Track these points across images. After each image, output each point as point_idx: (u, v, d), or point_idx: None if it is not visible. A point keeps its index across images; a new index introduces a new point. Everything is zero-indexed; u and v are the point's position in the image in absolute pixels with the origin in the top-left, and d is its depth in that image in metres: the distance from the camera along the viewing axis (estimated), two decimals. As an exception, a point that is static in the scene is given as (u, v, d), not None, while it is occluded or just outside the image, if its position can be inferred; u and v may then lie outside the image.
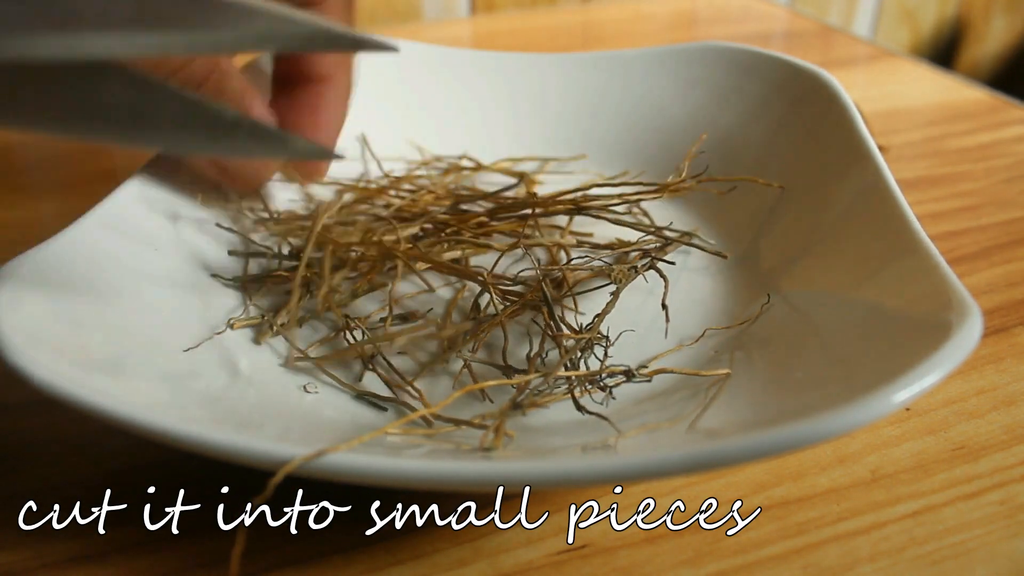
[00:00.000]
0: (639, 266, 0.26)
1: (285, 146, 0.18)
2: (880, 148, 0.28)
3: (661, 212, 0.32)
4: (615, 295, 0.25)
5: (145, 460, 0.22)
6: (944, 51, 0.93)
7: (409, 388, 0.23)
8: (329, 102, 0.28)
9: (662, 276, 0.27)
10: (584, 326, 0.25)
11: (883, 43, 0.85)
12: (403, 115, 0.37)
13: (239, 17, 0.15)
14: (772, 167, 0.31)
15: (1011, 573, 0.19)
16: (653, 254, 0.27)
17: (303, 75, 0.28)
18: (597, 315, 0.25)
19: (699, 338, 0.26)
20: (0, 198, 0.37)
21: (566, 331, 0.24)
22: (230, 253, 0.27)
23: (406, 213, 0.30)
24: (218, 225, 0.28)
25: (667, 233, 0.29)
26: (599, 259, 0.28)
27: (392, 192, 0.32)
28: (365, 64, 0.36)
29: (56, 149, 0.42)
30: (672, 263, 0.28)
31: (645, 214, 0.32)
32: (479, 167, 0.35)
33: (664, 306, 0.26)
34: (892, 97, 0.47)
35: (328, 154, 0.19)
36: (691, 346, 0.25)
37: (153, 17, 0.14)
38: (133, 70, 0.16)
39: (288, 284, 0.27)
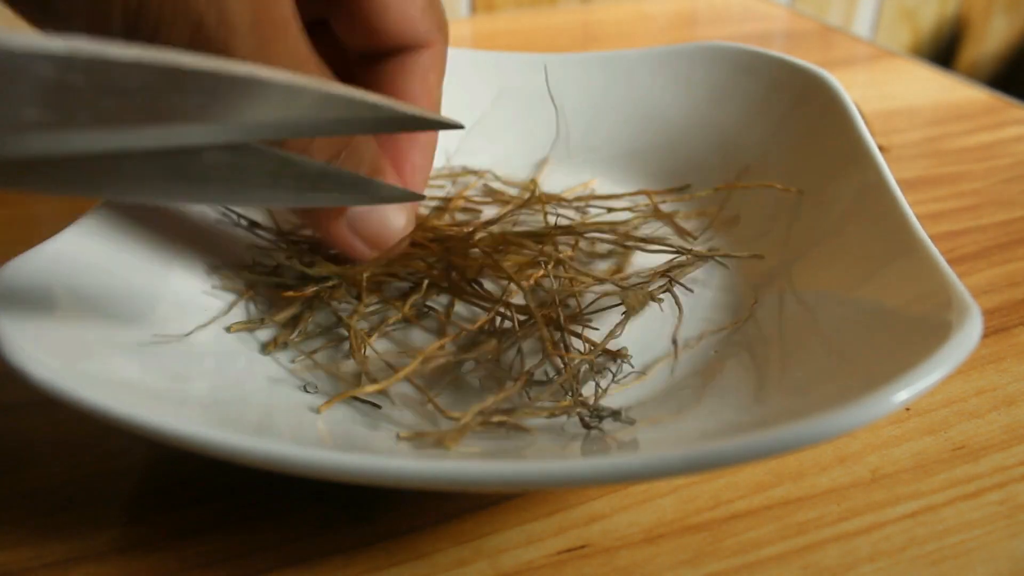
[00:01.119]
0: (653, 291, 0.26)
1: (373, 192, 0.19)
2: (880, 148, 0.28)
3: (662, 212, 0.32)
4: (623, 322, 0.25)
5: (145, 460, 0.22)
6: (944, 51, 0.92)
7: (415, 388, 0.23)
8: (421, 149, 0.27)
9: (678, 304, 0.26)
10: (588, 348, 0.25)
11: (883, 43, 0.85)
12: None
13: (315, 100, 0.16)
14: (772, 167, 0.31)
15: (1011, 573, 0.19)
16: (672, 275, 0.27)
17: (400, 43, 0.26)
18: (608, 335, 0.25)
19: (700, 338, 0.26)
20: (0, 198, 0.37)
21: (573, 350, 0.24)
22: (250, 267, 0.27)
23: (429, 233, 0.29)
24: (239, 215, 0.28)
25: (694, 250, 0.28)
26: (613, 283, 0.27)
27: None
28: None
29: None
30: (691, 290, 0.28)
31: (670, 220, 0.32)
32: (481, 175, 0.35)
33: (674, 341, 0.25)
34: (892, 97, 0.47)
35: (414, 196, 0.20)
36: (690, 345, 0.25)
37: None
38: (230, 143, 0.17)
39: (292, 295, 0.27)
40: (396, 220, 0.25)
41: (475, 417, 0.21)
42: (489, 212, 0.33)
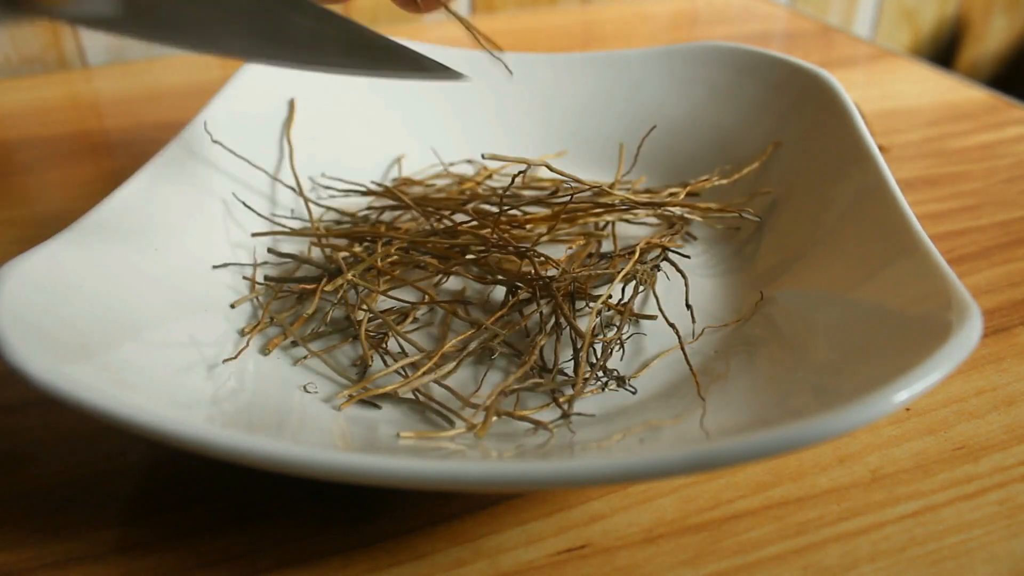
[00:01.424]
0: (653, 259, 0.27)
1: (432, 71, 0.21)
2: (880, 148, 0.28)
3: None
4: (630, 299, 0.26)
5: (145, 460, 0.22)
6: (944, 51, 0.92)
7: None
8: None
9: (680, 272, 0.27)
10: (597, 327, 0.25)
11: (883, 43, 0.85)
12: (403, 116, 0.37)
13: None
14: (772, 167, 0.31)
15: (1011, 573, 0.19)
16: (666, 245, 0.28)
17: None
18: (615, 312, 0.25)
19: (698, 336, 0.26)
20: (0, 198, 0.37)
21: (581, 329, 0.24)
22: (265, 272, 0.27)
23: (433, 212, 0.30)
24: (246, 205, 0.28)
25: (683, 214, 0.29)
26: (610, 258, 0.28)
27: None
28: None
29: (56, 149, 0.42)
30: (687, 256, 0.29)
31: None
32: (488, 173, 0.35)
33: (688, 306, 0.26)
34: (892, 97, 0.47)
35: (461, 77, 0.21)
36: (691, 344, 0.25)
37: None
38: (314, 4, 0.19)
39: (300, 293, 0.27)
40: None
41: (498, 397, 0.22)
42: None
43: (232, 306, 0.26)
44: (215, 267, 0.27)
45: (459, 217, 0.30)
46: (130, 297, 0.23)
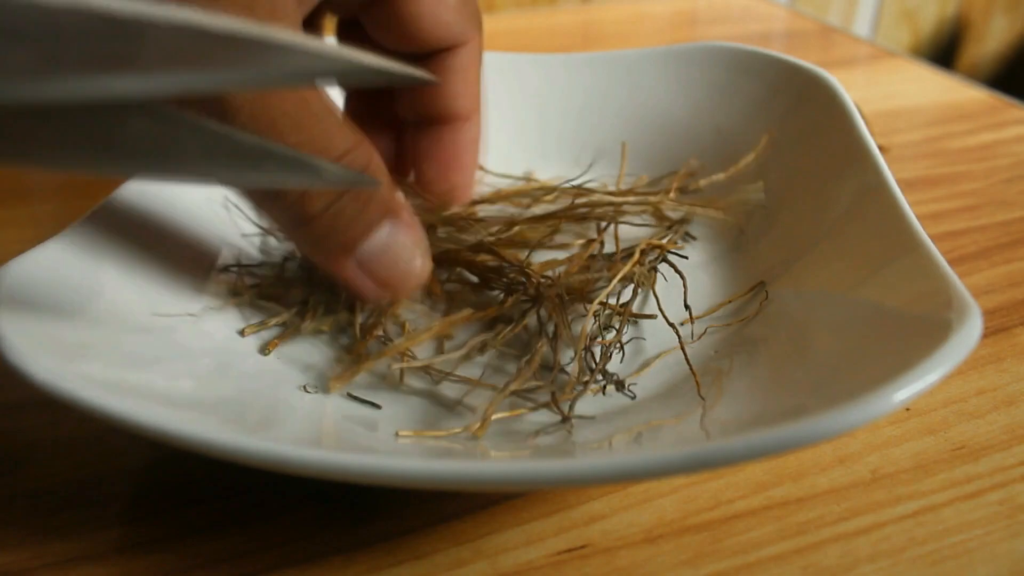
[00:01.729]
0: (652, 260, 0.27)
1: (317, 174, 0.17)
2: (880, 148, 0.28)
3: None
4: (629, 301, 0.26)
5: (145, 460, 0.22)
6: (944, 51, 0.92)
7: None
8: (470, 141, 0.28)
9: (678, 272, 0.27)
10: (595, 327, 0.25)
11: (883, 43, 0.85)
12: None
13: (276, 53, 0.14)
14: (772, 167, 0.31)
15: (1011, 573, 0.19)
16: (665, 246, 0.28)
17: (443, 115, 0.27)
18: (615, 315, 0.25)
19: (699, 337, 0.26)
20: (0, 198, 0.37)
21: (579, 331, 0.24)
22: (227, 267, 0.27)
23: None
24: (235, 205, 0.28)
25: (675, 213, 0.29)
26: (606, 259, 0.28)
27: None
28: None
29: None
30: (685, 257, 0.29)
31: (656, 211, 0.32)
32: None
33: (687, 306, 0.26)
34: (892, 97, 0.47)
35: (367, 181, 0.19)
36: (691, 345, 0.25)
37: (193, 56, 0.14)
38: (157, 105, 0.16)
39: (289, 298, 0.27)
40: (412, 261, 0.23)
41: (496, 398, 0.22)
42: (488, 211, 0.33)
43: (235, 296, 0.26)
44: (223, 268, 0.27)
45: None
46: (130, 297, 0.23)
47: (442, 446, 0.21)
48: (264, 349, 0.25)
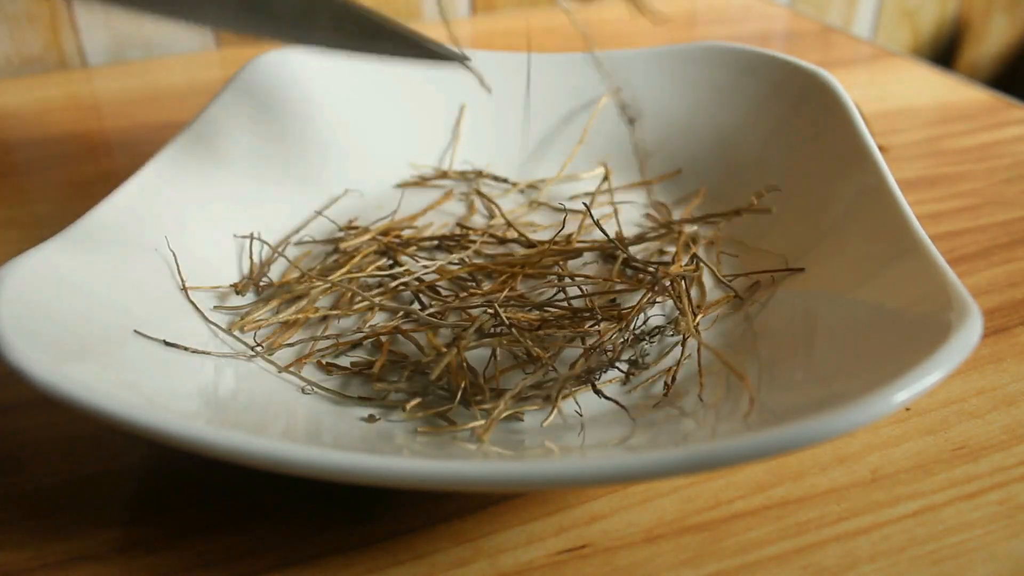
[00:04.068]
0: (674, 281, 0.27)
1: (426, 49, 0.20)
2: (880, 148, 0.28)
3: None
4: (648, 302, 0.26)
5: (145, 460, 0.22)
6: (944, 51, 0.92)
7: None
8: None
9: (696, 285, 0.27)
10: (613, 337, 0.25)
11: (883, 43, 0.85)
12: (403, 115, 0.37)
13: None
14: (772, 167, 0.31)
15: (1011, 573, 0.19)
16: (685, 273, 0.27)
17: None
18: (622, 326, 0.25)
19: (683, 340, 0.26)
20: (0, 198, 0.37)
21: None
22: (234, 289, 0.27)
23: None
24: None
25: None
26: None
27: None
28: (362, 66, 0.36)
29: (56, 149, 0.42)
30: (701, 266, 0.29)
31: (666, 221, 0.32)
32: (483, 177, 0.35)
33: (691, 311, 0.26)
34: (892, 97, 0.47)
35: (462, 57, 0.21)
36: (691, 345, 0.25)
37: None
38: None
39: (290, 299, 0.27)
40: None
41: (507, 402, 0.22)
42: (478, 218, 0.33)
43: (238, 289, 0.26)
44: (217, 267, 0.27)
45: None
46: (130, 297, 0.23)
47: (443, 446, 0.21)
48: (268, 350, 0.25)
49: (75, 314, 0.21)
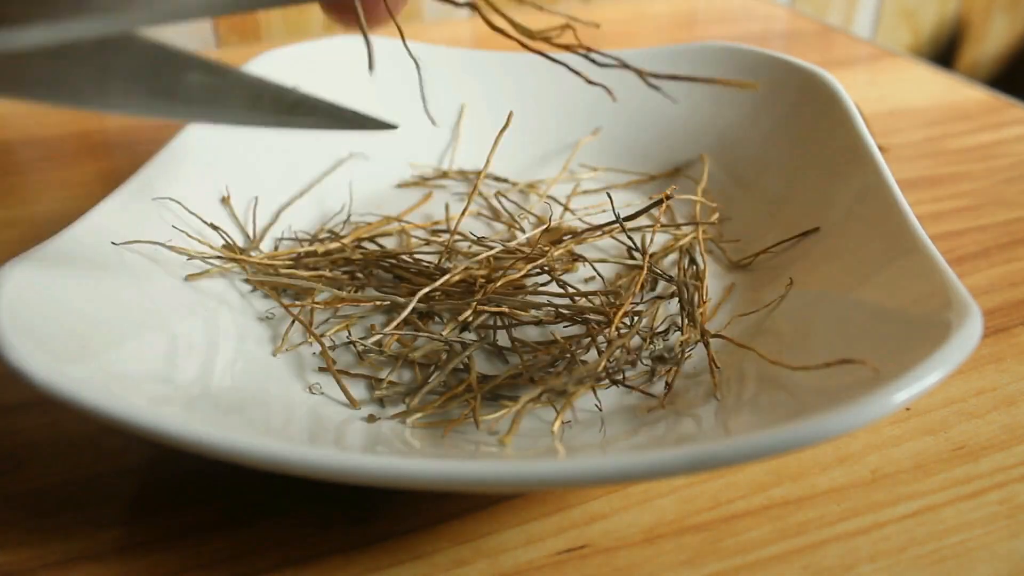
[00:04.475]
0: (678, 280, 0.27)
1: (351, 120, 0.20)
2: (880, 148, 0.28)
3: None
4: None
5: (145, 460, 0.22)
6: (944, 51, 0.92)
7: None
8: None
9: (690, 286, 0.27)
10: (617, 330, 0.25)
11: (883, 43, 0.84)
12: (402, 115, 0.37)
13: None
14: (772, 167, 0.31)
15: (1011, 573, 0.19)
16: (686, 281, 0.27)
17: None
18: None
19: (699, 339, 0.26)
20: (0, 198, 0.37)
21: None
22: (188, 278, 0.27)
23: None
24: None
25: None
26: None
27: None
28: (363, 66, 0.36)
29: (56, 149, 0.42)
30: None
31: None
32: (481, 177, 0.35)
33: (693, 314, 0.26)
34: (892, 97, 0.47)
35: (389, 126, 0.20)
36: (691, 346, 0.25)
37: None
38: (209, 61, 0.19)
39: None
40: None
41: (526, 406, 0.22)
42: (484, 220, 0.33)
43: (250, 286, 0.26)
44: (217, 267, 0.27)
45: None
46: (130, 297, 0.23)
47: (442, 445, 0.21)
48: (274, 350, 0.25)
49: (75, 314, 0.21)
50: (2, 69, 0.17)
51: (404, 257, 0.28)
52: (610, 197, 0.27)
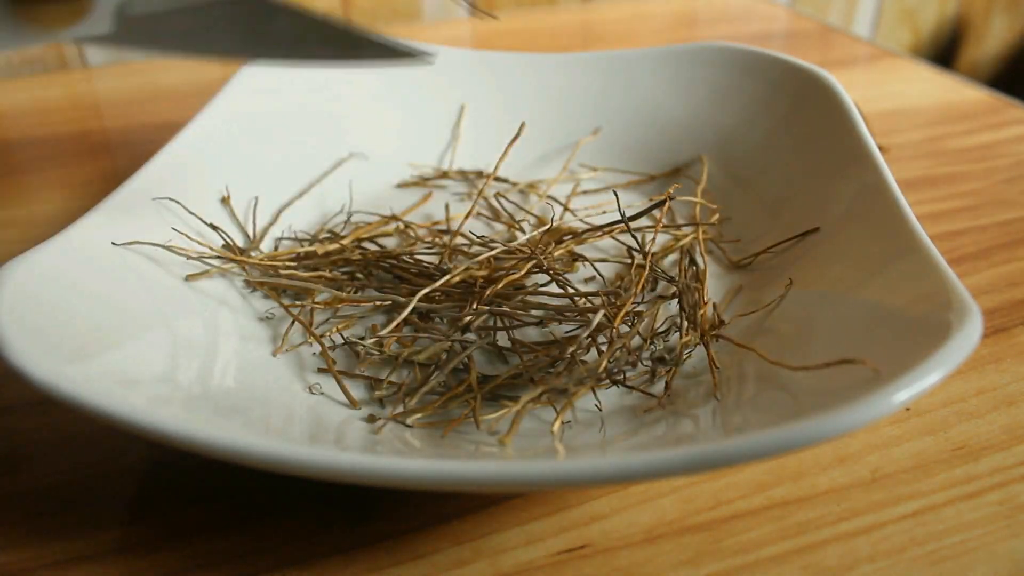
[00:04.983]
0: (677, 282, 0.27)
1: (414, 55, 0.21)
2: (880, 148, 0.28)
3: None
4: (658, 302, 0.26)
5: (145, 460, 0.22)
6: (944, 51, 0.92)
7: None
8: None
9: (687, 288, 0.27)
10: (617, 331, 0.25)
11: (883, 43, 0.84)
12: (402, 115, 0.37)
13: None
14: (772, 167, 0.31)
15: (1011, 573, 0.19)
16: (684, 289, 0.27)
17: None
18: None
19: (699, 340, 0.26)
20: (0, 198, 0.37)
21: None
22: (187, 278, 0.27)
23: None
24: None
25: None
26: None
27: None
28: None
29: (56, 149, 0.42)
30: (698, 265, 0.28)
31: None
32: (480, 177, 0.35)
33: (692, 315, 0.26)
34: (892, 97, 0.47)
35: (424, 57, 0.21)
36: (690, 346, 0.25)
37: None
38: (293, 8, 0.20)
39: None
40: None
41: (526, 406, 0.22)
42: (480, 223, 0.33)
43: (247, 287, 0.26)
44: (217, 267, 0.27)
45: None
46: (130, 297, 0.23)
47: (442, 445, 0.21)
48: (274, 351, 0.25)
49: (75, 314, 0.21)
50: (133, 28, 0.20)
51: (404, 257, 0.28)
52: (616, 195, 0.27)
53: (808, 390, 0.20)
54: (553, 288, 0.27)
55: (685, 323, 0.25)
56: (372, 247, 0.30)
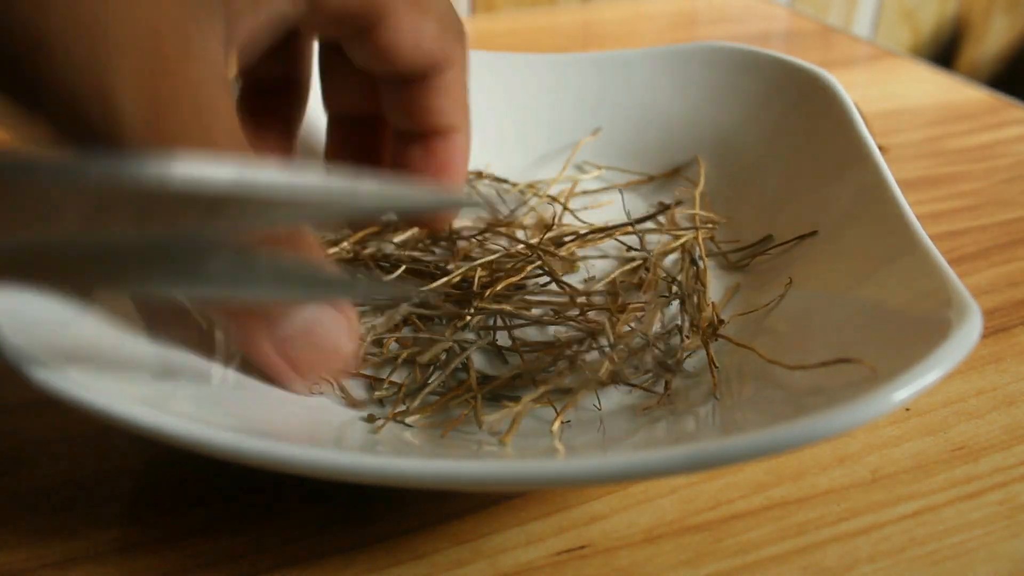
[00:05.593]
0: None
1: (356, 290, 0.20)
2: (880, 148, 0.28)
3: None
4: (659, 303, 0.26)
5: (145, 460, 0.22)
6: (944, 51, 0.92)
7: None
8: (459, 150, 0.27)
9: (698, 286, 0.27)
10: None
11: (883, 43, 0.85)
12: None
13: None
14: (772, 167, 0.31)
15: (1011, 573, 0.19)
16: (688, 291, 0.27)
17: (432, 128, 0.27)
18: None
19: (699, 339, 0.26)
20: None
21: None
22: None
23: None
24: None
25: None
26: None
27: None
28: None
29: (56, 149, 0.42)
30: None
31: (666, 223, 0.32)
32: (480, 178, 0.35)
33: (691, 313, 0.26)
34: (892, 97, 0.47)
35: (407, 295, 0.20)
36: (690, 346, 0.25)
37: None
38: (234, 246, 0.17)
39: None
40: (338, 341, 0.21)
41: (527, 405, 0.22)
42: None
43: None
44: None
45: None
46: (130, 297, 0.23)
47: (442, 445, 0.21)
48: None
49: (75, 314, 0.21)
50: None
51: (404, 256, 0.28)
52: (622, 194, 0.27)
53: (807, 389, 0.20)
54: (553, 288, 0.27)
55: (688, 325, 0.25)
56: (372, 248, 0.30)
